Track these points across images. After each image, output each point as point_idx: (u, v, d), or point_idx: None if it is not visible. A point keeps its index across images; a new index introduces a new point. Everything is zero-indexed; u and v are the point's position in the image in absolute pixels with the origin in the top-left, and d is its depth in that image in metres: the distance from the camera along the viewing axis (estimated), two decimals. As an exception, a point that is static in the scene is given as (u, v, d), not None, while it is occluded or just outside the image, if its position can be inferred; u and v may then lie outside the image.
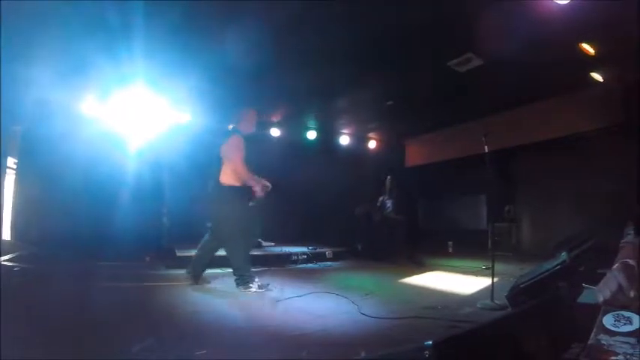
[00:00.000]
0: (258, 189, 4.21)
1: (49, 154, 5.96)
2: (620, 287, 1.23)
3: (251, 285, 4.01)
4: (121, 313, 3.02)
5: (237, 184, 4.16)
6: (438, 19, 4.49)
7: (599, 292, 1.28)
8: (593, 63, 5.43)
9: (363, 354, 2.04)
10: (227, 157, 4.19)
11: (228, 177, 4.17)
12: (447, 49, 5.28)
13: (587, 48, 5.01)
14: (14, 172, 6.46)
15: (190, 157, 7.12)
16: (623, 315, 1.17)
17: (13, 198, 6.34)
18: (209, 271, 5.32)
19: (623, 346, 1.06)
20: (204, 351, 2.25)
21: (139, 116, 6.58)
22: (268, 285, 4.12)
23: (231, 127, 4.61)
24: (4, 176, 6.25)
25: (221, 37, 4.65)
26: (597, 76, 5.86)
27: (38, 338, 2.29)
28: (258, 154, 4.34)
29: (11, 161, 6.43)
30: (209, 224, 4.45)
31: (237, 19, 4.40)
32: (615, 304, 1.22)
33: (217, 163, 4.25)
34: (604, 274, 1.37)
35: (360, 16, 4.46)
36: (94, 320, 2.73)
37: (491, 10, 4.18)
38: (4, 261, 5.03)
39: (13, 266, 4.81)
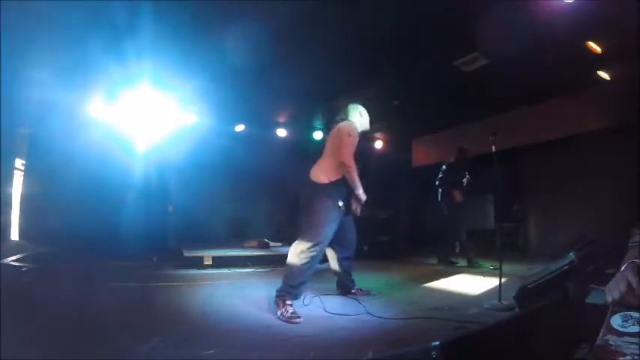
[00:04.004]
0: (362, 195, 3.49)
1: (56, 155, 6.02)
2: (629, 288, 1.22)
3: (287, 301, 3.12)
4: (128, 313, 3.04)
5: (329, 179, 3.40)
6: (444, 19, 4.49)
7: (608, 293, 1.28)
8: (599, 61, 5.40)
9: (370, 355, 2.04)
10: (333, 148, 3.53)
11: (319, 173, 3.47)
12: (453, 49, 5.29)
13: (594, 46, 4.98)
14: (22, 173, 6.53)
15: (196, 157, 7.19)
16: (631, 315, 1.17)
17: (21, 199, 6.42)
18: (217, 271, 5.36)
19: (631, 346, 1.06)
20: (212, 351, 2.26)
21: (145, 117, 6.65)
22: (298, 318, 2.99)
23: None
24: (12, 177, 6.33)
25: (226, 38, 4.69)
26: (604, 75, 5.82)
27: (44, 338, 2.31)
28: (264, 155, 3.76)
29: (19, 162, 6.51)
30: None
31: (242, 19, 4.42)
32: (624, 304, 1.22)
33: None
34: (612, 275, 1.37)
35: (365, 16, 4.47)
36: (101, 320, 2.75)
37: (497, 9, 4.18)
38: (11, 261, 5.09)
39: (20, 266, 4.87)
